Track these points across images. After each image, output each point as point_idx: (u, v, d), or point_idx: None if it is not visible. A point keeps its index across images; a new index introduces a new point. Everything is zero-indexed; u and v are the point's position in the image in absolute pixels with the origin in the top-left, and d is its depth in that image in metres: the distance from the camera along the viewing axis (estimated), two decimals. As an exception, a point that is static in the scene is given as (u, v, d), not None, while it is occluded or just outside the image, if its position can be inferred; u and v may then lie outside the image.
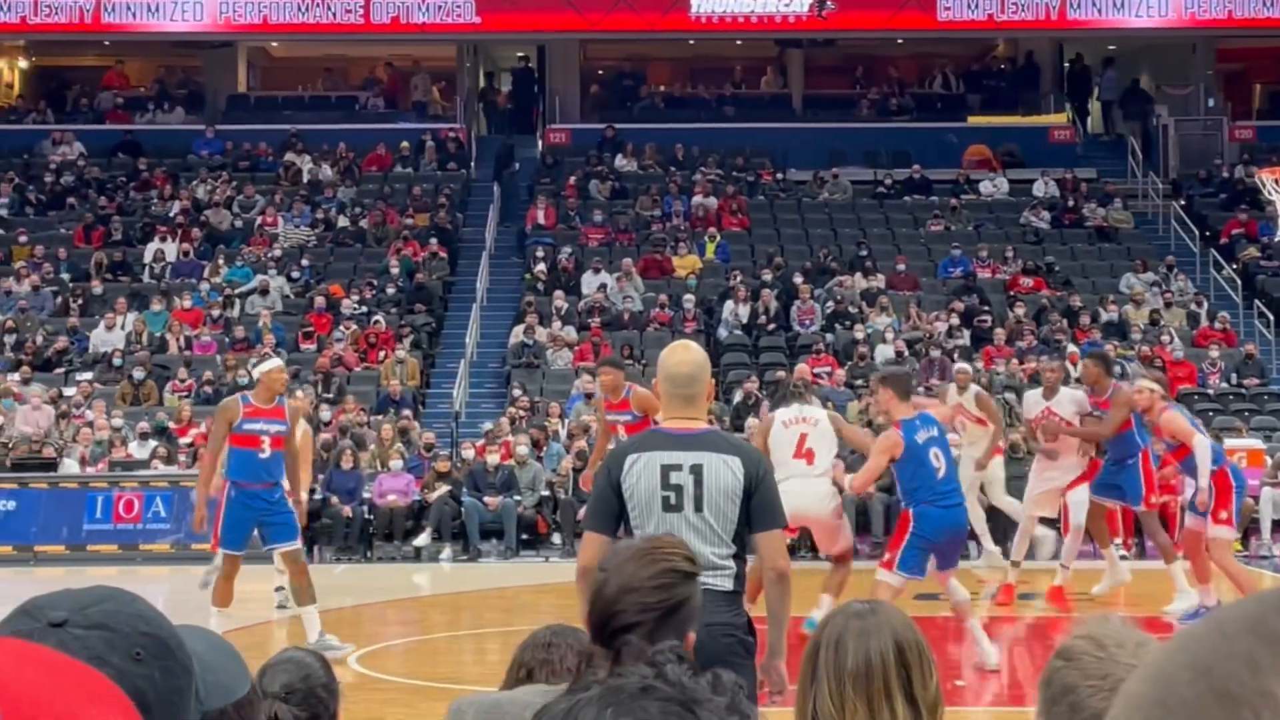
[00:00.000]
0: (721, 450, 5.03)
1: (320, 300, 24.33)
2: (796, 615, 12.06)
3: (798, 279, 24.85)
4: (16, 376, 21.93)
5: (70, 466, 19.66)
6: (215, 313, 24.21)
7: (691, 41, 30.74)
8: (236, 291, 24.81)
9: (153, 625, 1.52)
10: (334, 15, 28.78)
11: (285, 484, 12.08)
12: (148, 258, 25.75)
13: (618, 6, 28.74)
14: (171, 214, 26.99)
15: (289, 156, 28.70)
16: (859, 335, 23.28)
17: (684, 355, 5.28)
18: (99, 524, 18.72)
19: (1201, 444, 12.49)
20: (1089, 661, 2.39)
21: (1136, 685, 0.81)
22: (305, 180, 28.19)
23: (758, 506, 4.97)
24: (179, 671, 1.50)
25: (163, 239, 26.08)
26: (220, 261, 25.58)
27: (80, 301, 24.41)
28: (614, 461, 5.09)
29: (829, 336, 23.60)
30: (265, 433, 11.57)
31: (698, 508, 4.94)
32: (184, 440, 20.35)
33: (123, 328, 23.55)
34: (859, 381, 21.77)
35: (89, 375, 22.38)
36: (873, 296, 24.51)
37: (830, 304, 24.40)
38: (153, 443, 20.16)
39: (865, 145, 29.37)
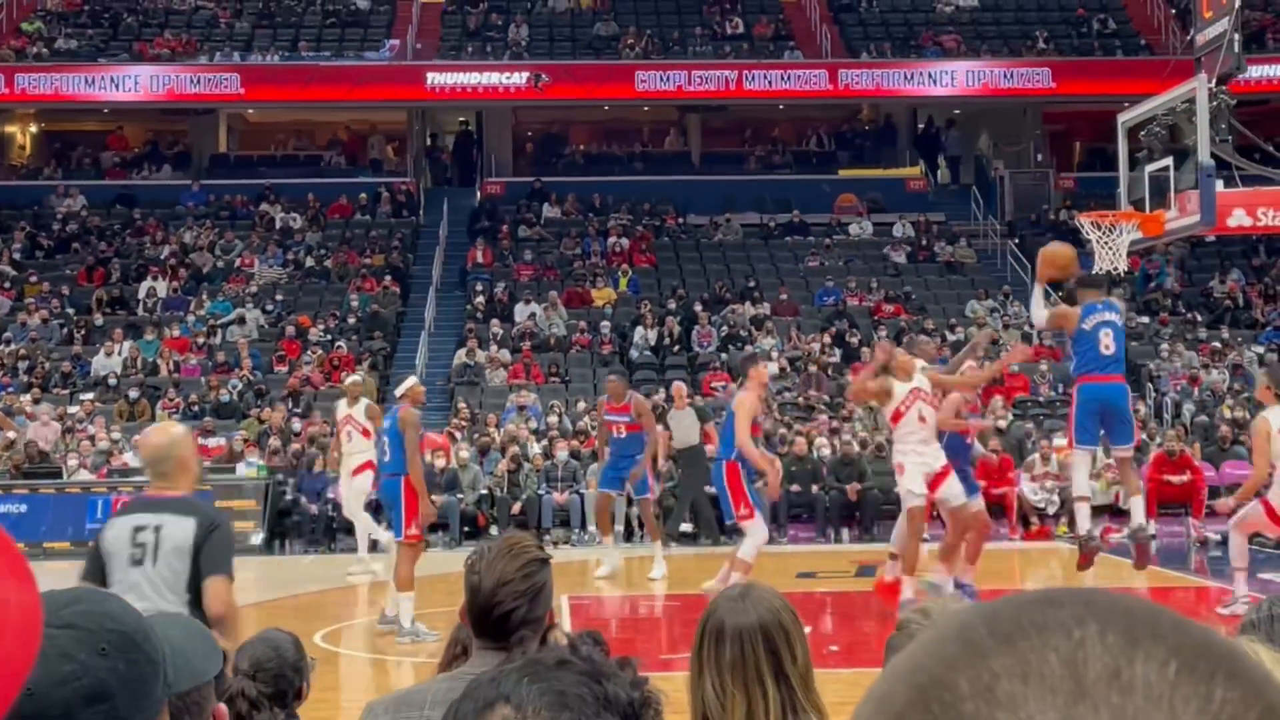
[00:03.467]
0: (181, 513, 5.02)
1: (291, 329, 24.00)
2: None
3: (697, 307, 24.81)
4: (28, 397, 21.48)
5: (78, 474, 19.26)
6: (200, 341, 23.84)
7: (606, 108, 30.67)
8: (218, 322, 24.43)
9: (119, 622, 1.45)
10: (302, 86, 28.46)
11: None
12: (141, 294, 25.33)
13: (542, 81, 28.63)
14: (162, 256, 26.56)
15: (263, 206, 28.34)
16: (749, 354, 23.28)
17: (156, 438, 5.29)
18: (99, 524, 18.27)
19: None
20: (916, 630, 2.35)
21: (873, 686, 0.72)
22: (278, 227, 27.83)
23: (205, 558, 4.97)
24: (144, 662, 1.42)
25: (154, 278, 25.66)
26: (204, 297, 25.19)
27: (83, 332, 23.96)
28: (103, 527, 5.18)
29: (724, 356, 23.56)
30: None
31: (154, 562, 4.97)
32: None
33: (120, 354, 23.13)
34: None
35: (90, 395, 21.95)
36: (760, 321, 24.51)
37: (725, 328, 24.37)
38: (146, 453, 19.78)
39: (753, 194, 29.40)
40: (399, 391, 11.86)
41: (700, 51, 30.18)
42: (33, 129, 32.22)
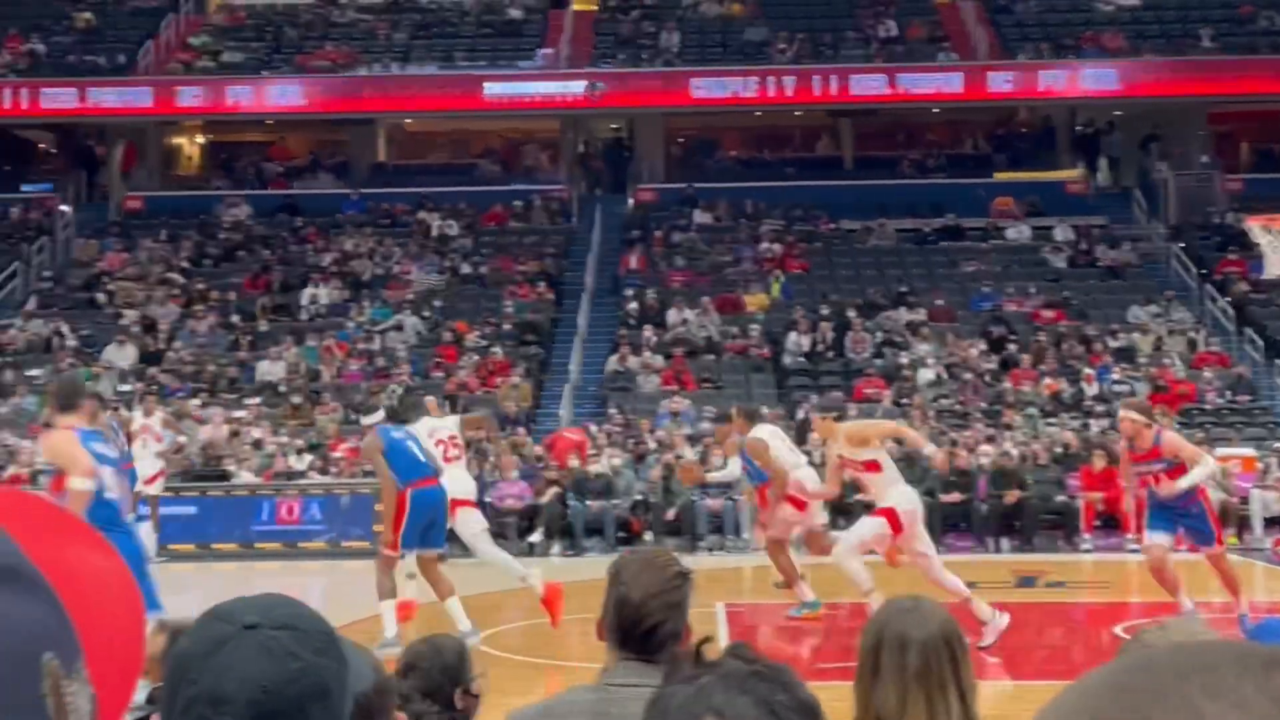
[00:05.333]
0: None
1: (448, 335, 24.37)
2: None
3: (851, 313, 24.61)
4: (196, 401, 22.12)
5: (242, 476, 19.78)
6: (360, 346, 24.31)
7: (758, 113, 30.59)
8: (378, 329, 24.89)
9: (321, 623, 1.48)
10: (458, 95, 28.87)
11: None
12: (304, 301, 25.91)
13: (697, 89, 28.69)
14: (324, 264, 27.15)
15: (421, 214, 28.82)
16: (904, 361, 23.02)
17: None
18: (265, 525, 18.77)
19: (1207, 458, 11.43)
20: (1146, 645, 2.32)
21: None
22: (434, 234, 28.28)
23: None
24: (342, 661, 1.46)
25: (316, 285, 26.23)
26: (364, 303, 25.70)
27: (249, 338, 24.59)
28: None
29: (878, 362, 23.35)
30: None
31: None
32: (335, 454, 20.41)
33: (284, 360, 23.70)
34: (904, 400, 21.54)
35: (256, 400, 22.51)
36: (915, 327, 24.23)
37: (879, 334, 24.15)
38: (309, 456, 20.23)
39: (907, 198, 29.08)
40: (366, 421, 12.04)
41: (852, 55, 29.97)
42: (200, 140, 33.20)
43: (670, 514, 18.87)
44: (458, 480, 12.35)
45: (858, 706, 3.01)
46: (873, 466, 11.46)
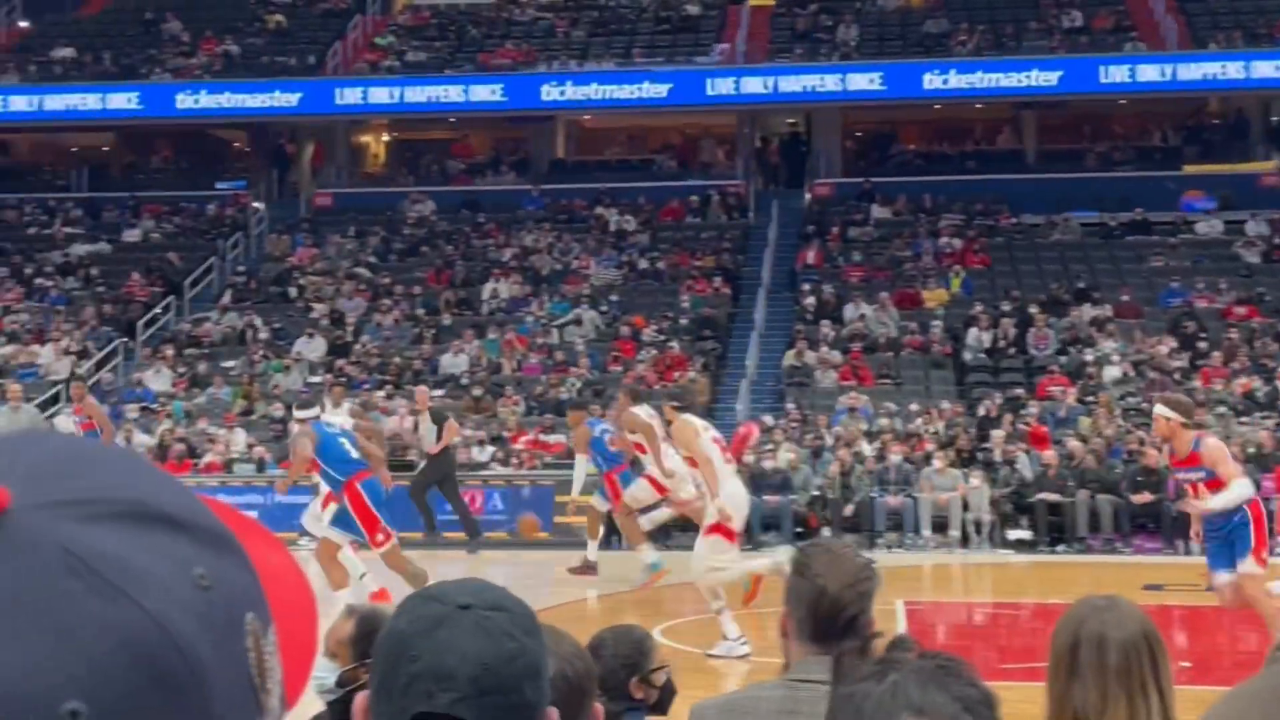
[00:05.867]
0: None
1: (625, 330, 24.56)
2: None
3: (1033, 309, 24.15)
4: (383, 393, 22.65)
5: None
6: (539, 340, 24.64)
7: (937, 106, 30.20)
8: (557, 323, 25.21)
9: (527, 605, 1.51)
10: (639, 93, 29.05)
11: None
12: (485, 295, 26.35)
13: (875, 82, 28.43)
14: (504, 259, 27.58)
15: (599, 210, 29.09)
16: (1089, 358, 22.53)
17: None
18: (449, 515, 19.14)
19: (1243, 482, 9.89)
20: None
21: None
22: (612, 229, 28.52)
23: None
24: (544, 645, 1.49)
25: (497, 279, 26.66)
26: (543, 298, 26.04)
27: (433, 331, 25.10)
28: None
29: (1062, 359, 22.88)
30: None
31: None
32: (516, 446, 20.73)
33: (466, 353, 24.14)
34: (1089, 398, 21.09)
35: (440, 392, 22.97)
36: (1100, 323, 23.69)
37: (1063, 331, 23.68)
38: (490, 448, 20.59)
39: (1092, 192, 28.38)
40: (300, 415, 12.22)
41: (1035, 46, 29.38)
42: (385, 138, 33.99)
43: (848, 510, 18.78)
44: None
45: (1054, 706, 2.99)
46: (692, 463, 11.39)
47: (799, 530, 18.70)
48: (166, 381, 23.86)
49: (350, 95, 29.86)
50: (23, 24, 33.81)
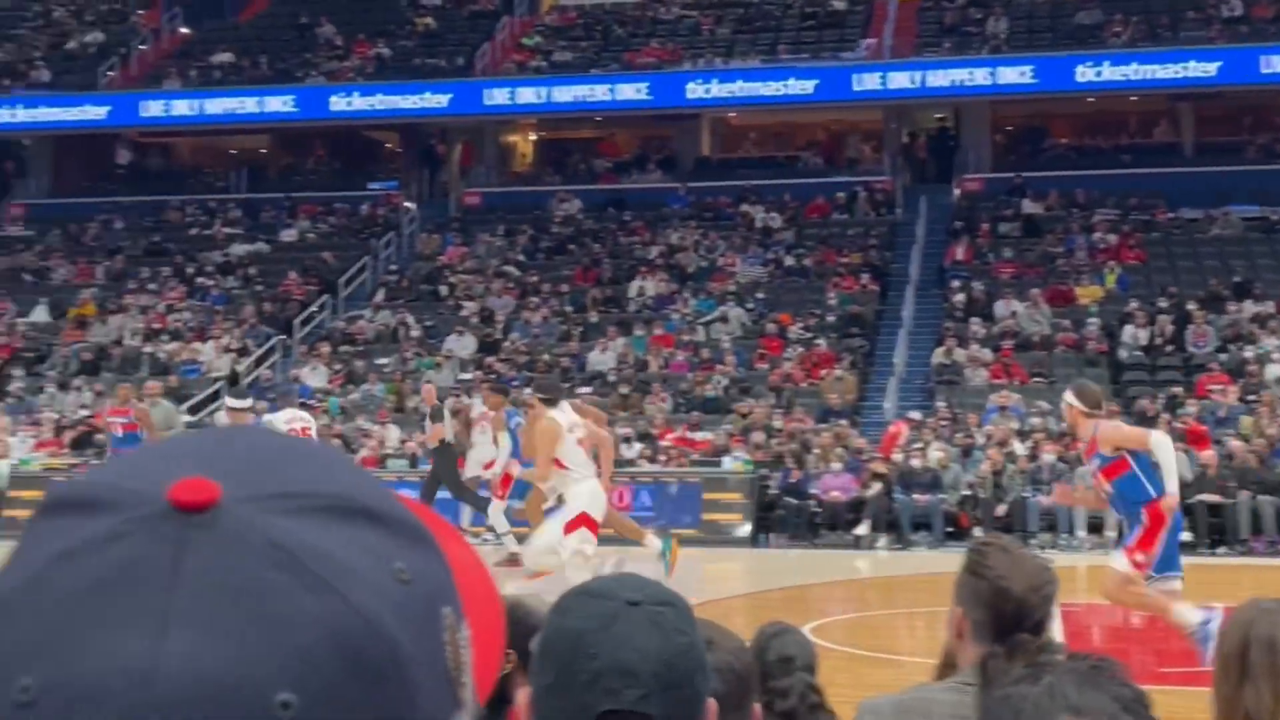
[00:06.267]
0: None
1: (771, 327, 24.52)
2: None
3: (1191, 305, 23.56)
4: (530, 390, 22.86)
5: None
6: (685, 338, 24.70)
7: (1090, 99, 29.60)
8: (703, 320, 25.24)
9: (683, 598, 1.52)
10: (784, 89, 28.94)
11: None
12: (632, 293, 26.49)
13: (1024, 75, 27.95)
14: (650, 256, 27.69)
15: (744, 207, 29.06)
16: (1249, 355, 21.92)
17: None
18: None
19: (1160, 443, 9.26)
20: None
21: None
22: (758, 227, 28.48)
23: None
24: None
25: (643, 277, 26.78)
26: (689, 295, 26.10)
27: (580, 329, 25.31)
28: None
29: (1222, 357, 22.30)
30: None
31: None
32: (663, 443, 20.81)
33: (613, 350, 24.30)
34: (1250, 397, 20.52)
35: (588, 389, 23.14)
36: (1263, 320, 23.02)
37: (1222, 328, 23.07)
38: (638, 445, 20.70)
39: (1253, 185, 27.57)
40: (233, 405, 12.15)
41: (1193, 36, 28.65)
42: (532, 138, 34.35)
43: (1000, 510, 18.53)
44: None
45: (1222, 709, 2.94)
46: (558, 464, 11.38)
47: (949, 530, 18.51)
48: (323, 378, 24.41)
49: (498, 96, 30.21)
50: (184, 30, 34.81)
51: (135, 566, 0.67)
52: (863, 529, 18.64)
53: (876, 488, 18.71)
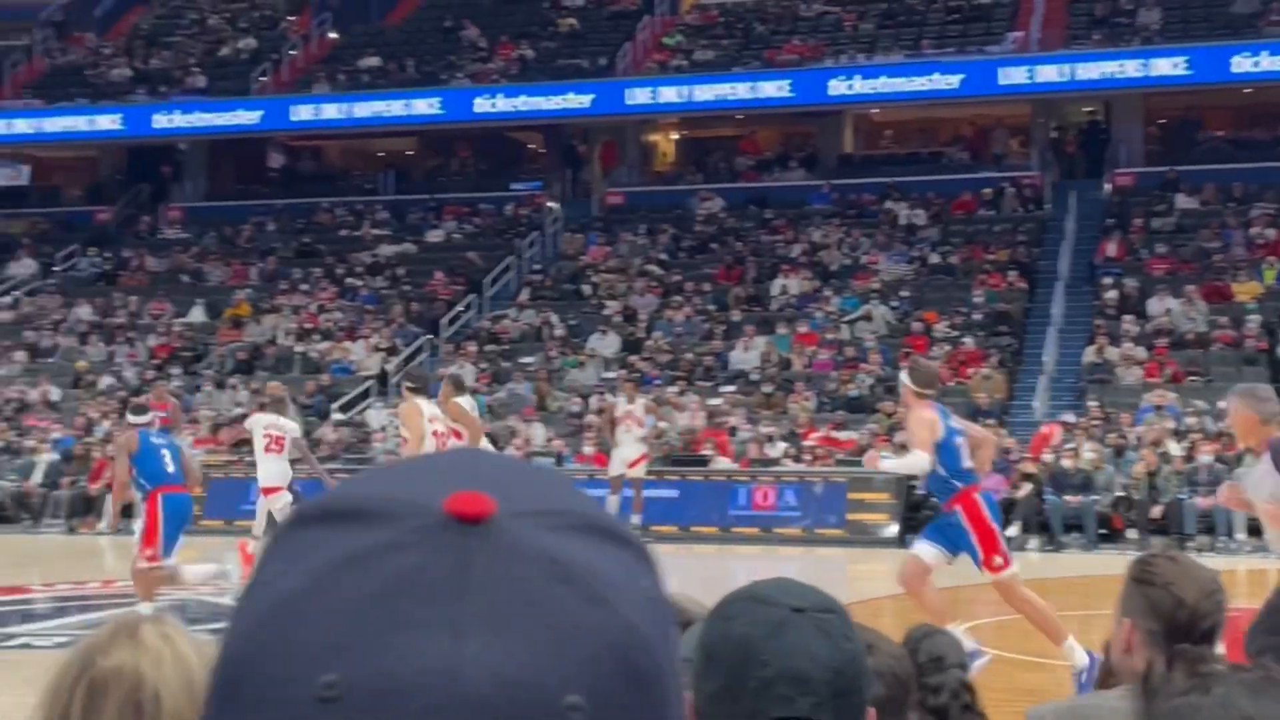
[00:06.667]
0: None
1: (917, 325, 24.27)
2: None
3: (1356, 302, 22.82)
4: (674, 389, 22.98)
5: (719, 462, 20.40)
6: (829, 336, 24.56)
7: (1247, 90, 28.78)
8: (846, 319, 25.08)
9: (841, 603, 1.51)
10: (929, 84, 28.61)
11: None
12: (774, 291, 26.41)
13: (1177, 67, 27.27)
14: (793, 255, 27.58)
15: (888, 204, 28.81)
16: None
17: None
18: (742, 510, 19.31)
19: (919, 459, 9.05)
20: None
21: None
22: (902, 224, 28.21)
23: None
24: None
25: (786, 276, 26.68)
26: (832, 293, 25.95)
27: (722, 328, 25.31)
28: None
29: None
30: None
31: None
32: (807, 442, 20.73)
33: (755, 349, 24.26)
34: None
35: (731, 388, 23.16)
36: None
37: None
38: (782, 444, 20.65)
39: None
40: (131, 420, 12.15)
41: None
42: (674, 136, 34.42)
43: (1155, 511, 18.13)
44: (272, 471, 13.77)
45: None
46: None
47: (1102, 532, 18.17)
48: (470, 377, 24.69)
49: (640, 95, 30.31)
50: (332, 35, 35.53)
51: (422, 573, 0.70)
52: (1013, 530, 18.34)
53: (1026, 488, 18.42)
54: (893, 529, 18.76)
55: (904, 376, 9.48)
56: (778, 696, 1.40)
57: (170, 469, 11.55)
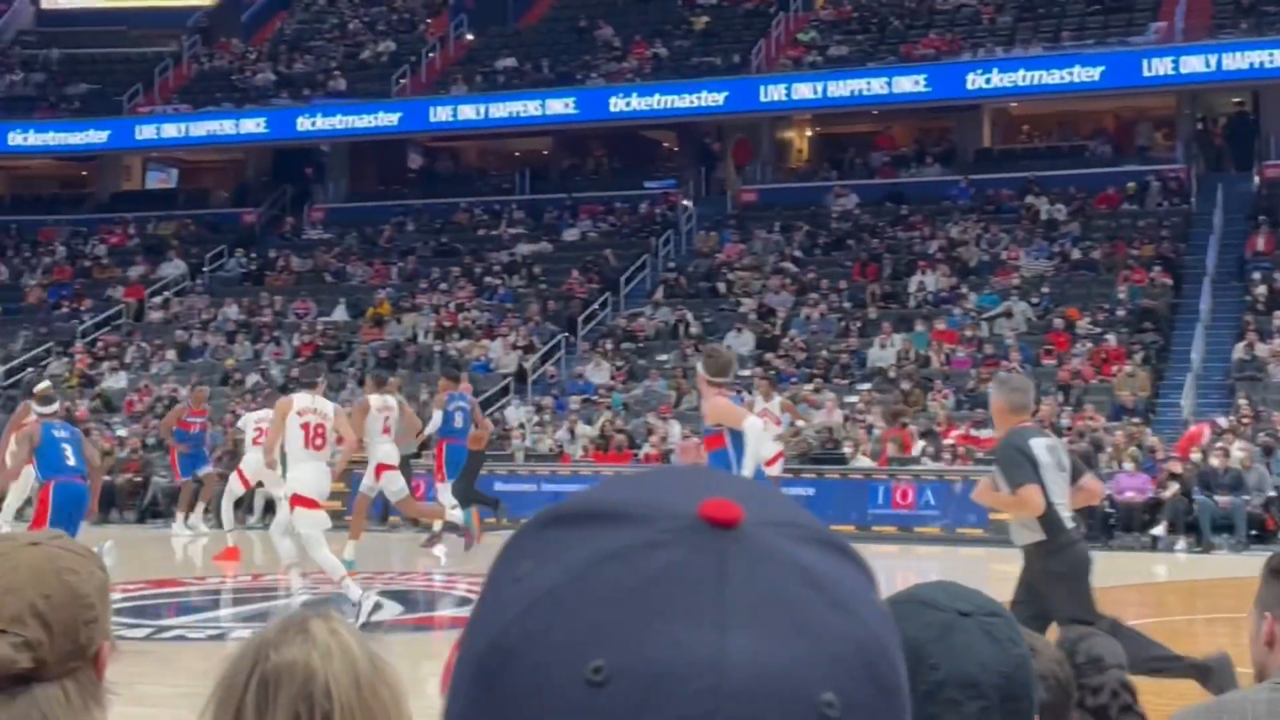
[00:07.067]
0: None
1: (1058, 322, 23.87)
2: None
3: None
4: (810, 386, 22.88)
5: (858, 460, 20.28)
6: (968, 333, 24.27)
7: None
8: (985, 315, 24.77)
9: (1005, 608, 1.49)
10: (1069, 77, 28.11)
11: None
12: (911, 288, 26.17)
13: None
14: (930, 251, 27.30)
15: (1028, 199, 28.36)
16: None
17: None
18: (880, 509, 19.17)
19: (753, 425, 9.00)
20: None
21: None
22: (1043, 219, 27.76)
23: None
24: None
25: (923, 272, 26.42)
26: (971, 290, 25.63)
27: (859, 325, 25.14)
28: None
29: None
30: None
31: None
32: (947, 441, 20.51)
33: (892, 346, 24.06)
34: None
35: (867, 385, 23.01)
36: None
37: None
38: (921, 442, 20.45)
39: None
40: (38, 410, 11.97)
41: None
42: (808, 133, 34.27)
43: (1309, 513, 17.63)
44: (251, 463, 14.81)
45: None
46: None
47: (1254, 532, 17.71)
48: (605, 374, 24.89)
49: (774, 92, 30.23)
50: (469, 37, 35.96)
51: (682, 570, 0.74)
52: (1160, 530, 18.00)
53: (1174, 488, 18.04)
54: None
55: (699, 365, 9.52)
56: (947, 701, 1.40)
57: (71, 461, 11.79)
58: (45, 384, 13.37)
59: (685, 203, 31.28)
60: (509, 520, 18.31)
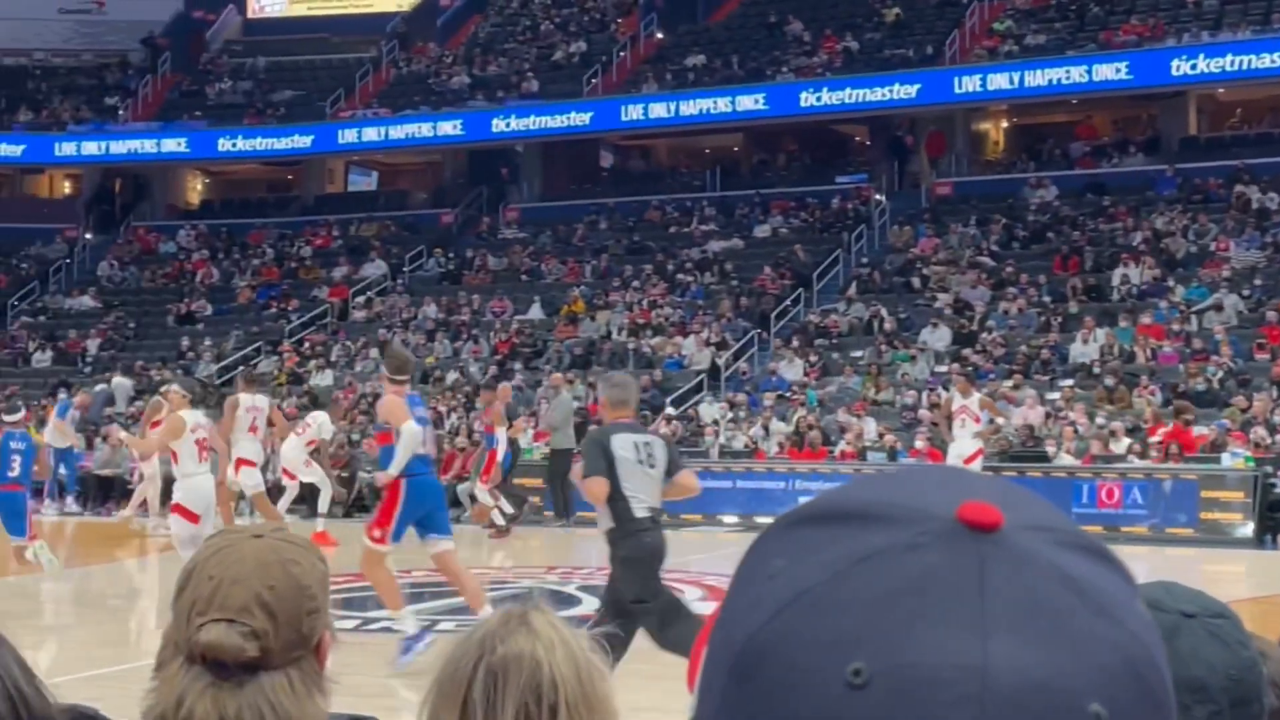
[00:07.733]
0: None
1: (1272, 315, 22.96)
2: None
3: None
4: (1009, 383, 22.41)
5: (1061, 458, 19.81)
6: (1175, 327, 23.52)
7: None
8: (1194, 309, 23.96)
9: (1232, 609, 1.46)
10: (1273, 59, 27.02)
11: None
12: (1115, 281, 25.47)
13: None
14: (1134, 243, 26.52)
15: (1238, 188, 27.33)
16: None
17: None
18: (1085, 508, 18.66)
19: (410, 430, 9.53)
20: None
21: None
22: (1254, 208, 26.73)
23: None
24: None
25: (1127, 265, 25.69)
26: (1178, 283, 24.83)
27: (1059, 319, 24.55)
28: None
29: None
30: None
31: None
32: (1153, 438, 19.89)
33: (1095, 341, 23.44)
34: None
35: (1069, 381, 22.45)
36: None
37: None
38: (1127, 440, 19.87)
39: None
40: (6, 419, 13.34)
41: None
42: (1004, 124, 33.59)
43: None
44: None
45: None
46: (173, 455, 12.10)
47: None
48: (799, 371, 24.76)
49: (969, 83, 29.75)
50: (659, 36, 36.12)
51: (942, 573, 0.72)
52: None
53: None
54: (1248, 528, 17.83)
55: (383, 365, 10.47)
56: (1176, 703, 1.37)
57: (13, 472, 13.01)
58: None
59: (878, 197, 30.91)
60: (704, 516, 18.35)
